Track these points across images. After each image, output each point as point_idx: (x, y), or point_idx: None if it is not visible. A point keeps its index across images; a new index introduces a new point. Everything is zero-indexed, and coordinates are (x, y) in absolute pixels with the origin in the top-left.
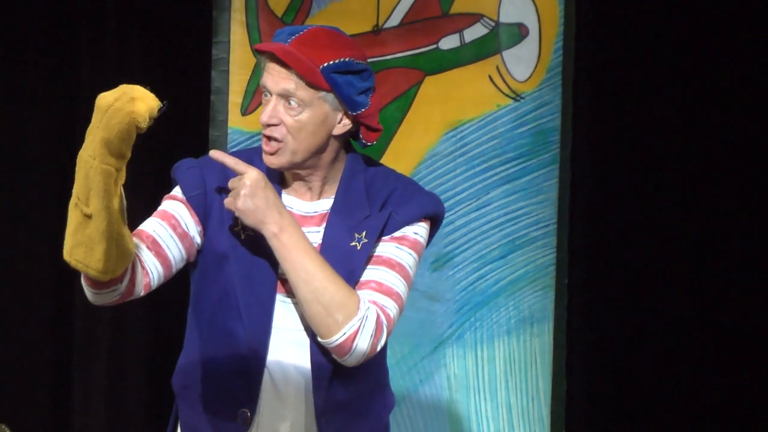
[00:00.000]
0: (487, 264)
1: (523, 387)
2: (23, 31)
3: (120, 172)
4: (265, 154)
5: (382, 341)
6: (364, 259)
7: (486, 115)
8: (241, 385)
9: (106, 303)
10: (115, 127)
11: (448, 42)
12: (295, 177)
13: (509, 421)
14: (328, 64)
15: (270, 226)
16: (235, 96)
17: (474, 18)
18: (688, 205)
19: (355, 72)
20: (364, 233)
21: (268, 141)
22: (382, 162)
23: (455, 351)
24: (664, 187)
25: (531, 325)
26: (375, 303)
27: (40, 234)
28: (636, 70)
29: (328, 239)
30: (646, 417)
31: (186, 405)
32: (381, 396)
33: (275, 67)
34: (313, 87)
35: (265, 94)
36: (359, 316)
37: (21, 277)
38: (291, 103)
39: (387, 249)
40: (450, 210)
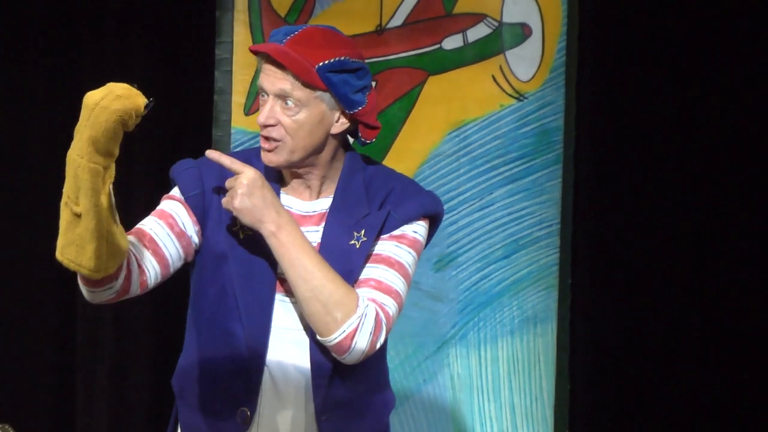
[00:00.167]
0: (490, 264)
1: (526, 387)
2: (23, 31)
3: (108, 171)
4: (263, 152)
5: (382, 339)
6: (363, 258)
7: (489, 115)
8: (240, 384)
9: (102, 301)
10: (102, 126)
11: (452, 42)
12: (294, 176)
13: (512, 421)
14: (324, 64)
15: (268, 225)
16: (238, 96)
17: (477, 18)
18: (691, 205)
19: (351, 70)
20: (363, 232)
21: (267, 141)
22: (385, 162)
23: (458, 351)
24: (667, 187)
25: (534, 325)
26: (374, 301)
27: (40, 234)
28: (639, 70)
29: (327, 238)
30: (648, 417)
31: (186, 405)
32: (381, 395)
33: (271, 67)
34: (309, 87)
35: (262, 94)
36: (358, 314)
37: (22, 277)
38: (288, 104)
39: (386, 247)
40: (453, 210)
